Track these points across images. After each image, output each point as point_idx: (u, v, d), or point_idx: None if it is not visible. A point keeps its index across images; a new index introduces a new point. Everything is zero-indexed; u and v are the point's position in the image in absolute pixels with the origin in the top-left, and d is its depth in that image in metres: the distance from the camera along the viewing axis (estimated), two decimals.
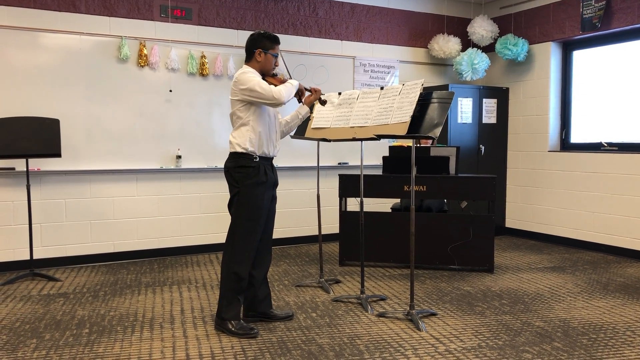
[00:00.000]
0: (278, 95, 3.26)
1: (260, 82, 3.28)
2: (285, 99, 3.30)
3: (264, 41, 3.41)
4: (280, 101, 3.27)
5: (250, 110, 3.33)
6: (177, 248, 5.62)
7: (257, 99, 3.29)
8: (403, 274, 4.83)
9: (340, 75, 6.31)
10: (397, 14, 6.60)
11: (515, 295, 4.19)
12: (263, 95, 3.26)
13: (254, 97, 3.28)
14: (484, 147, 6.59)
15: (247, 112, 3.33)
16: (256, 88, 3.25)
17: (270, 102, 3.28)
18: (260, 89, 3.25)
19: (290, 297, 4.13)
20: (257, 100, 3.29)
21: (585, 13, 5.76)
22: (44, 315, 3.72)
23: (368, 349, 3.10)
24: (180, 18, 5.48)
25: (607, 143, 5.86)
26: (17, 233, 4.94)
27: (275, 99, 3.26)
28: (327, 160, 6.25)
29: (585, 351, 3.08)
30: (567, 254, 5.67)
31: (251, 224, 3.35)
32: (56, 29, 5.00)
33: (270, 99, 3.26)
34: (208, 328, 3.45)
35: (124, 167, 5.31)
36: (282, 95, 3.27)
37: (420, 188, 4.90)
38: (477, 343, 3.20)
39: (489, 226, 4.86)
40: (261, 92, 3.25)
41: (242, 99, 3.32)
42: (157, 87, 5.43)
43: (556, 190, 6.22)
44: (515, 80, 6.71)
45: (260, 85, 3.26)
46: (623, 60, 5.72)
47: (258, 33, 3.44)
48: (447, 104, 3.50)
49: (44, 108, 4.95)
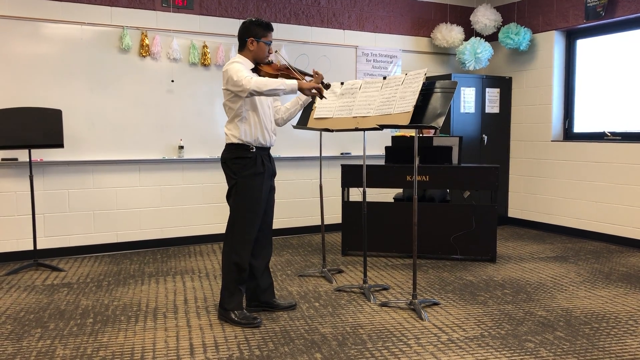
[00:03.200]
0: (247, 83, 3.07)
1: (238, 71, 3.15)
2: (253, 88, 3.07)
3: (255, 29, 3.32)
4: (245, 89, 3.08)
5: (242, 101, 3.25)
6: (180, 238, 5.63)
7: (233, 88, 3.18)
8: (405, 264, 4.84)
9: (342, 65, 6.29)
10: (399, 3, 6.56)
11: (517, 284, 4.19)
12: (235, 84, 3.13)
13: (231, 87, 3.19)
14: (486, 137, 6.57)
15: (238, 103, 3.26)
16: (233, 77, 3.14)
17: (238, 90, 3.13)
18: (236, 77, 3.12)
19: (293, 287, 4.14)
20: (234, 89, 3.17)
21: (589, 1, 5.72)
22: (48, 305, 3.74)
23: (371, 339, 3.11)
24: (181, 8, 5.45)
25: (611, 132, 5.84)
26: (20, 223, 4.96)
27: (240, 86, 3.09)
28: (329, 151, 6.24)
29: (587, 340, 3.08)
30: (569, 244, 5.67)
31: (250, 215, 3.34)
32: (58, 19, 4.98)
33: (239, 86, 3.11)
34: (211, 318, 3.46)
35: (127, 158, 5.32)
36: (250, 84, 3.06)
37: (423, 178, 4.89)
38: (479, 332, 3.21)
39: (491, 216, 4.86)
40: (235, 81, 3.13)
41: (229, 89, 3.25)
42: (159, 77, 5.41)
43: (559, 180, 6.21)
44: (518, 70, 6.68)
45: (237, 74, 3.13)
46: (627, 49, 5.69)
47: (249, 21, 3.36)
48: (450, 94, 3.48)
49: (46, 98, 4.94)
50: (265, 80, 3.13)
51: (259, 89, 3.10)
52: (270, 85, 3.12)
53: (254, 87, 3.09)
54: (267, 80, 3.14)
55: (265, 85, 3.11)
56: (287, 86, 3.16)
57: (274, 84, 3.13)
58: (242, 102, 3.26)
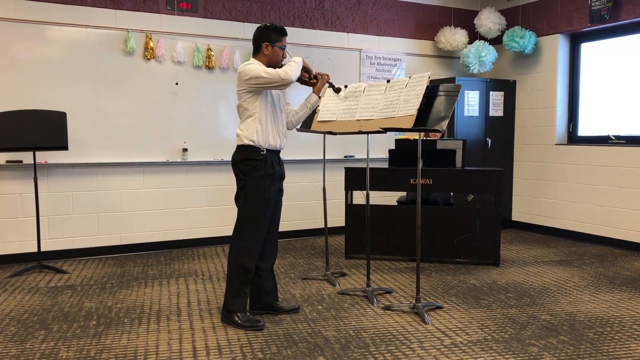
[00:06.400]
0: (285, 74, 3.25)
1: (265, 68, 3.28)
2: (294, 77, 3.28)
3: (270, 34, 3.39)
4: (288, 79, 3.26)
5: (257, 102, 3.32)
6: (183, 241, 5.64)
7: (265, 85, 3.27)
8: (409, 267, 4.83)
9: (346, 68, 6.29)
10: (403, 6, 6.57)
11: (521, 288, 4.18)
12: (270, 79, 3.25)
13: (261, 84, 3.27)
14: (490, 140, 6.56)
15: (254, 104, 3.33)
16: (262, 74, 3.25)
17: (279, 83, 3.27)
18: (266, 74, 3.25)
19: (297, 290, 4.14)
20: (265, 86, 3.28)
21: (594, 5, 5.71)
22: (51, 307, 3.75)
23: (374, 342, 3.11)
24: (186, 11, 5.47)
25: (615, 136, 5.82)
26: (24, 225, 4.97)
27: (283, 79, 3.25)
28: (333, 154, 6.25)
29: (591, 345, 3.07)
30: (573, 248, 5.65)
31: (258, 217, 3.36)
32: (62, 21, 5.00)
33: (278, 80, 3.25)
34: (214, 320, 3.46)
35: (131, 160, 5.33)
36: (288, 74, 3.25)
37: (427, 181, 4.89)
38: (483, 336, 3.20)
39: (495, 219, 4.84)
40: (268, 77, 3.25)
41: (249, 89, 3.31)
42: (163, 80, 5.43)
43: (563, 184, 6.20)
44: (522, 73, 6.67)
45: (266, 71, 3.26)
46: (632, 53, 5.67)
47: (264, 26, 3.42)
48: (453, 97, 3.48)
49: (51, 101, 4.96)
50: (290, 67, 3.32)
51: (295, 72, 3.31)
52: (296, 70, 3.34)
53: (293, 74, 3.28)
54: (291, 67, 3.33)
55: (295, 71, 3.31)
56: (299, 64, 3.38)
57: (295, 68, 3.34)
58: (257, 104, 3.33)
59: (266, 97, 3.36)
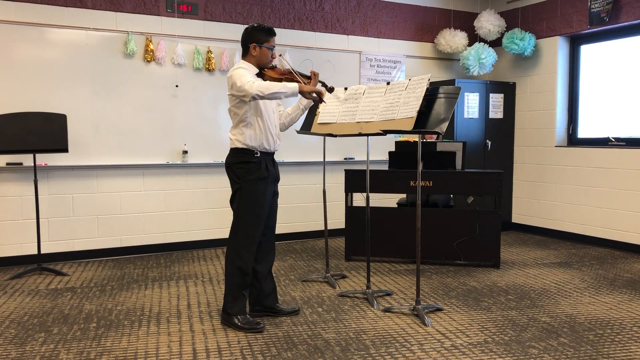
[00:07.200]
0: (249, 88, 3.09)
1: (241, 76, 3.17)
2: (256, 92, 3.08)
3: (257, 34, 3.34)
4: (248, 93, 3.09)
5: (247, 106, 3.27)
6: (183, 243, 5.64)
7: (237, 93, 3.20)
8: (409, 269, 4.83)
9: (346, 70, 6.30)
10: (403, 8, 6.58)
11: (521, 290, 4.18)
12: (238, 89, 3.16)
13: (235, 92, 3.22)
14: (490, 142, 6.56)
15: (243, 108, 3.28)
16: (236, 82, 3.17)
17: (241, 94, 3.16)
18: (239, 82, 3.15)
19: (297, 292, 4.14)
20: (238, 94, 3.20)
21: (593, 7, 5.72)
22: (51, 309, 3.75)
23: (374, 344, 3.11)
24: (186, 13, 5.48)
25: (615, 138, 5.82)
26: (24, 228, 4.97)
27: (243, 91, 3.11)
28: (333, 156, 6.25)
29: (591, 347, 3.07)
30: (573, 250, 5.65)
31: (253, 220, 3.35)
32: (63, 24, 5.01)
33: (242, 91, 3.13)
34: (214, 322, 3.46)
35: (131, 162, 5.33)
36: (252, 88, 3.08)
37: (427, 183, 4.89)
38: (483, 338, 3.20)
39: (495, 221, 4.85)
40: (238, 86, 3.15)
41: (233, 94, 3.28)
42: (163, 82, 5.44)
43: (563, 186, 6.20)
44: (522, 75, 6.68)
45: (240, 80, 3.15)
46: (631, 55, 5.68)
47: (252, 26, 3.37)
48: (453, 99, 3.48)
49: (51, 103, 4.97)
50: (267, 84, 3.15)
51: (262, 93, 3.12)
52: (272, 88, 3.13)
53: (256, 91, 3.10)
54: (269, 84, 3.15)
55: (267, 89, 3.12)
56: (289, 89, 3.18)
57: (275, 87, 3.14)
58: (247, 108, 3.28)
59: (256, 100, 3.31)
